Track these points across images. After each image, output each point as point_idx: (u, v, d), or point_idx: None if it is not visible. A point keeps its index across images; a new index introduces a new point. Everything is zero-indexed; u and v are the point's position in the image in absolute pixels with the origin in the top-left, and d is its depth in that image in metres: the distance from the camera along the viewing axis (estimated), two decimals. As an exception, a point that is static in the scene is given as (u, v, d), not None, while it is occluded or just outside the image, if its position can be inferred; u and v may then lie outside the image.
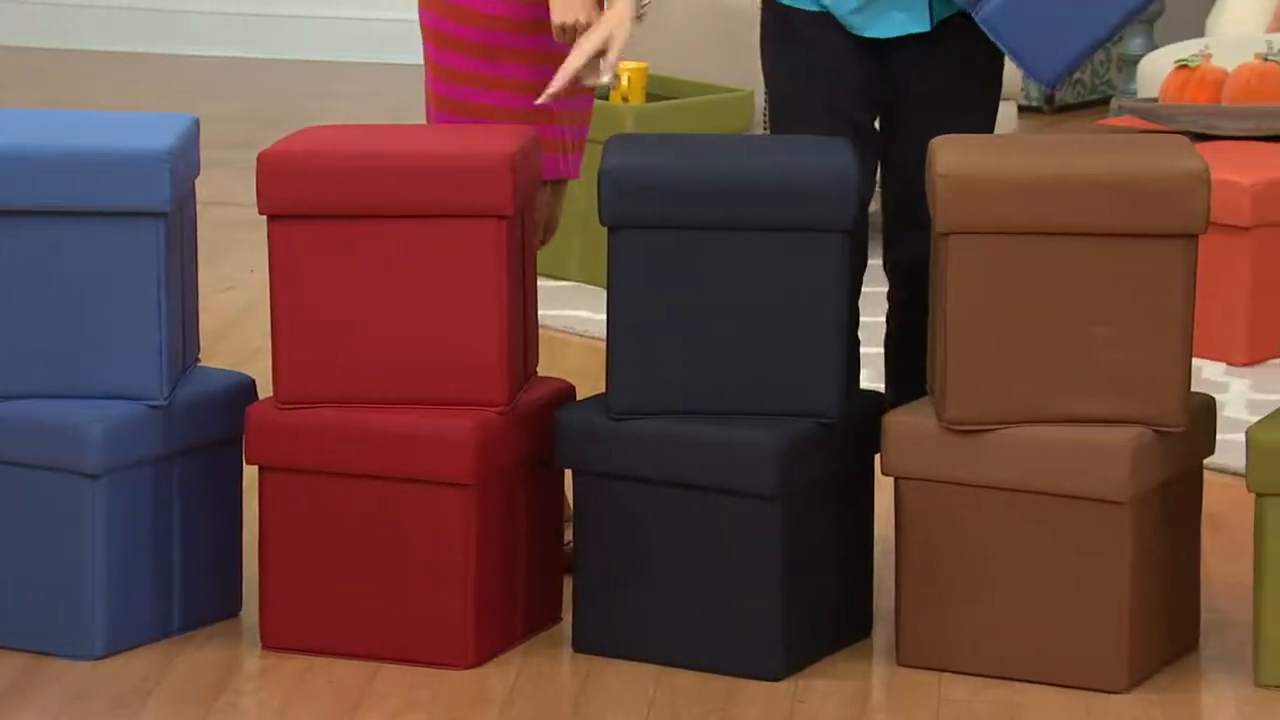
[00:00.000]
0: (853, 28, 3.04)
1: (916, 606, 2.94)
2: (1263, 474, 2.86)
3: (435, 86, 3.17)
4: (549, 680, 2.95)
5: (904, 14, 3.02)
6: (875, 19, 3.03)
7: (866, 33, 3.04)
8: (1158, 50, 5.08)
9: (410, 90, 6.53)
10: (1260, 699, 2.84)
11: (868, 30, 3.03)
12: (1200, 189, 2.83)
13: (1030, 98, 6.06)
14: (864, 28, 3.03)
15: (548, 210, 3.24)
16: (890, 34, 3.03)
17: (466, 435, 2.94)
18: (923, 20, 3.03)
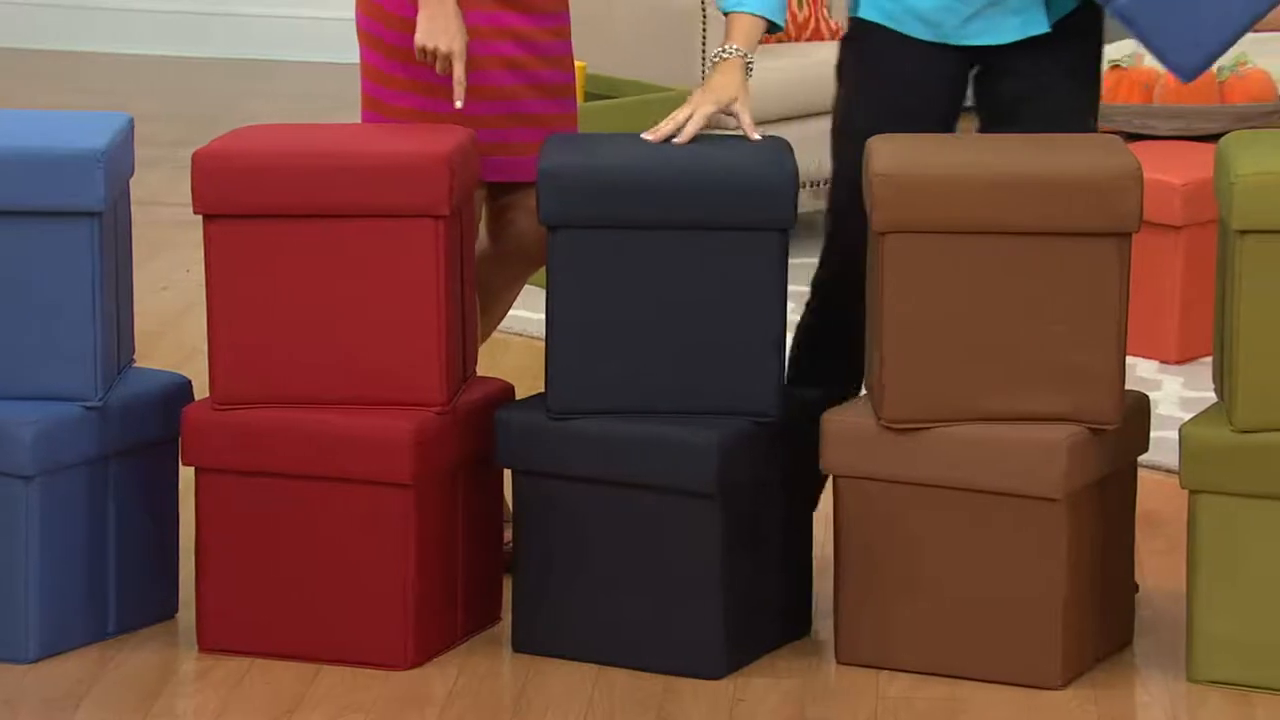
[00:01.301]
0: (964, 39, 2.98)
1: (855, 604, 2.94)
2: (1195, 471, 2.87)
3: (362, 85, 3.16)
4: (489, 680, 2.93)
5: (1019, 18, 2.97)
6: (990, 26, 2.97)
7: (982, 40, 2.99)
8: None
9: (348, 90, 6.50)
10: (1193, 694, 2.86)
11: (984, 38, 2.99)
12: (1133, 188, 2.85)
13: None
14: (977, 36, 2.98)
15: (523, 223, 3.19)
16: (1008, 39, 2.99)
17: (405, 436, 2.93)
18: (1041, 22, 2.98)
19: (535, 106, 3.13)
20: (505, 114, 3.12)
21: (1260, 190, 2.82)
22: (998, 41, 3.00)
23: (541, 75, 3.13)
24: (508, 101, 3.12)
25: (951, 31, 3.00)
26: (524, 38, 3.11)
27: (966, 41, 3.00)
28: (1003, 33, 2.99)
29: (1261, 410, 2.85)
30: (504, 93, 3.11)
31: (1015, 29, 2.99)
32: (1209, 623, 2.87)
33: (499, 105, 3.12)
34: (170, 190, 5.27)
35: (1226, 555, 2.86)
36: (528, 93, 3.12)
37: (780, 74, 4.83)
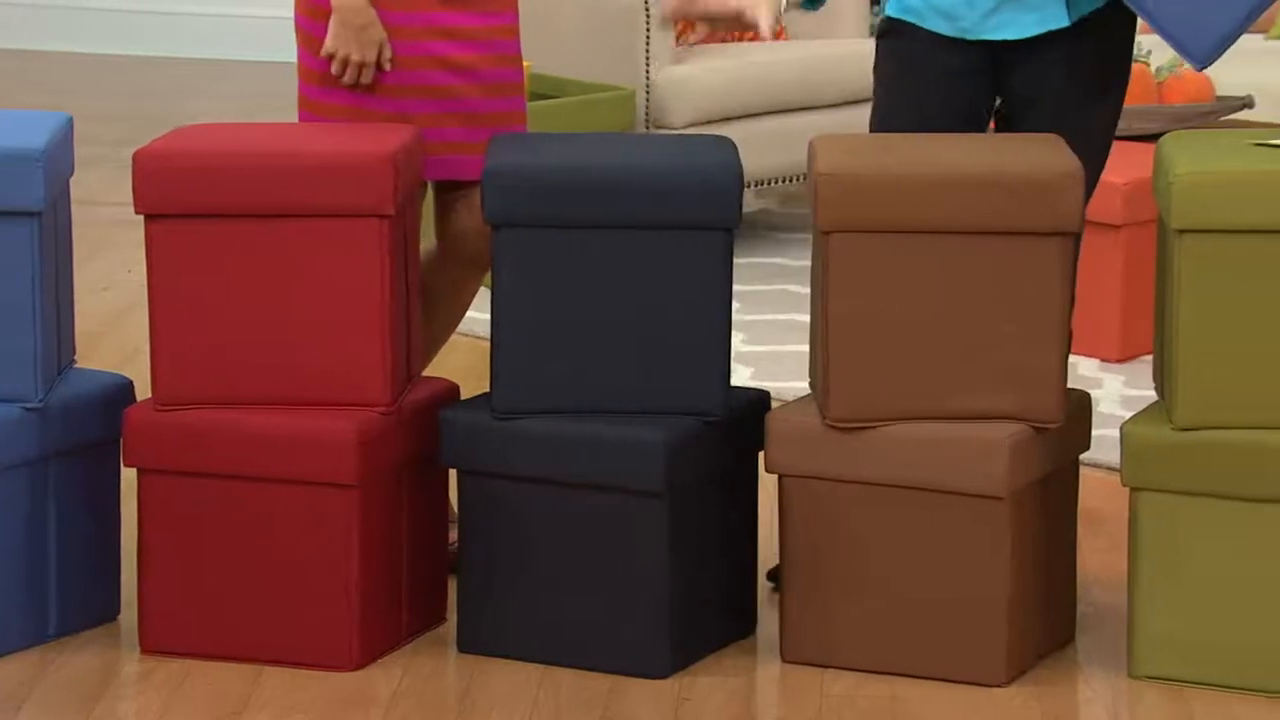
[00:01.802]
0: (984, 33, 2.98)
1: (799, 602, 2.95)
2: (1136, 469, 2.89)
3: (299, 85, 3.15)
4: (433, 681, 2.92)
5: (1037, 13, 2.96)
6: (1010, 19, 2.96)
7: (1001, 35, 2.98)
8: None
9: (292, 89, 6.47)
10: (1134, 690, 2.88)
11: (1002, 33, 2.98)
12: (1074, 188, 2.86)
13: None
14: (997, 30, 2.98)
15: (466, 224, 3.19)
16: (1028, 34, 2.98)
17: (349, 436, 2.91)
18: (1060, 16, 2.97)
19: (479, 105, 3.12)
20: (444, 112, 3.11)
21: (1198, 190, 2.84)
22: (1017, 36, 2.99)
23: (485, 73, 3.12)
24: (447, 100, 3.11)
25: (972, 26, 2.99)
26: (466, 36, 3.10)
27: (986, 36, 2.99)
28: (1022, 27, 2.98)
29: (1201, 408, 2.87)
30: (442, 91, 3.10)
31: (1034, 24, 2.98)
32: (1149, 619, 2.89)
33: (438, 104, 3.10)
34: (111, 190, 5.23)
35: (1167, 552, 2.88)
36: (470, 91, 3.11)
37: (723, 74, 4.83)
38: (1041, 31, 2.99)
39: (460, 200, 3.17)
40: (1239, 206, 2.83)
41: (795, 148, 4.88)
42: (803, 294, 4.56)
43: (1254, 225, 2.84)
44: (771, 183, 4.90)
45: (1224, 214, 2.84)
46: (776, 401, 3.83)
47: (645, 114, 4.77)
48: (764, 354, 4.21)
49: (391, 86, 3.09)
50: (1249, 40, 5.00)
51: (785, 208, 5.22)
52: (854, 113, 4.96)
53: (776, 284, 4.63)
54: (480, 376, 3.88)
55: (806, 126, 4.90)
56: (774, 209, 5.21)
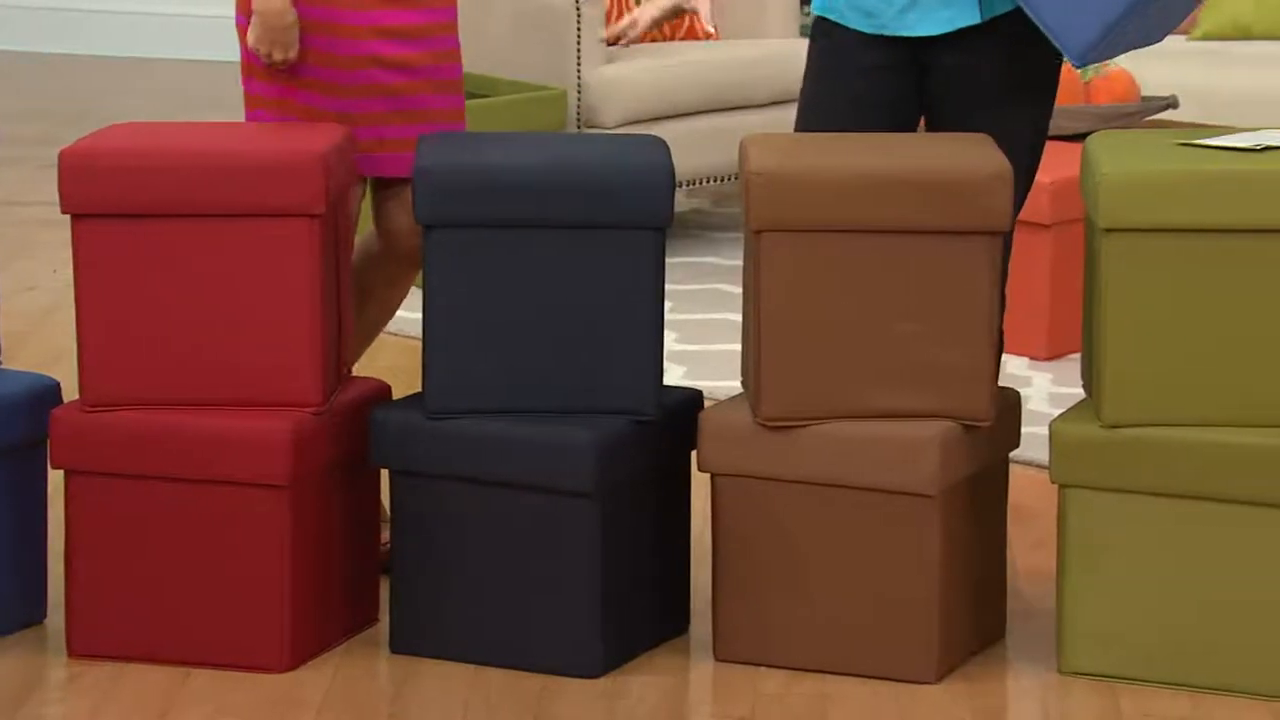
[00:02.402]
0: (900, 28, 3.00)
1: (732, 601, 2.95)
2: (1065, 466, 2.91)
3: (243, 82, 3.13)
4: (365, 682, 2.91)
5: (950, 10, 2.98)
6: (924, 17, 2.98)
7: (915, 31, 3.01)
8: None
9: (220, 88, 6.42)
10: (1063, 686, 2.90)
11: (918, 29, 3.00)
12: (1003, 187, 2.88)
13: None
14: (912, 26, 3.00)
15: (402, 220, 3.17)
16: (940, 30, 3.00)
17: (280, 436, 2.90)
18: (972, 13, 2.99)
19: (423, 102, 3.11)
20: (389, 110, 3.10)
21: (1125, 189, 2.86)
22: (931, 32, 3.02)
23: (429, 69, 3.11)
24: (386, 98, 3.10)
25: (888, 22, 3.01)
26: (404, 34, 3.09)
27: (902, 32, 3.02)
28: (935, 23, 3.01)
29: (1128, 406, 2.89)
30: (386, 89, 3.09)
31: (946, 20, 3.01)
32: (1078, 616, 2.91)
33: (383, 102, 3.09)
34: (32, 189, 5.18)
35: (1095, 549, 2.90)
36: (415, 88, 3.10)
37: (654, 74, 4.83)
38: (954, 28, 3.01)
39: (395, 198, 3.16)
40: (1165, 206, 2.85)
41: (727, 147, 4.89)
42: (735, 293, 4.57)
43: (1180, 224, 2.86)
44: (703, 182, 4.90)
45: (1150, 213, 2.86)
46: (709, 400, 3.84)
47: (577, 113, 4.76)
48: (696, 353, 4.21)
49: (337, 86, 3.07)
50: (1172, 41, 5.05)
51: (717, 207, 5.23)
52: (785, 112, 4.97)
53: (708, 283, 4.64)
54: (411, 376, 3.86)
55: (738, 126, 4.90)
56: (706, 208, 5.21)
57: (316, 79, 3.07)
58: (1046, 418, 3.85)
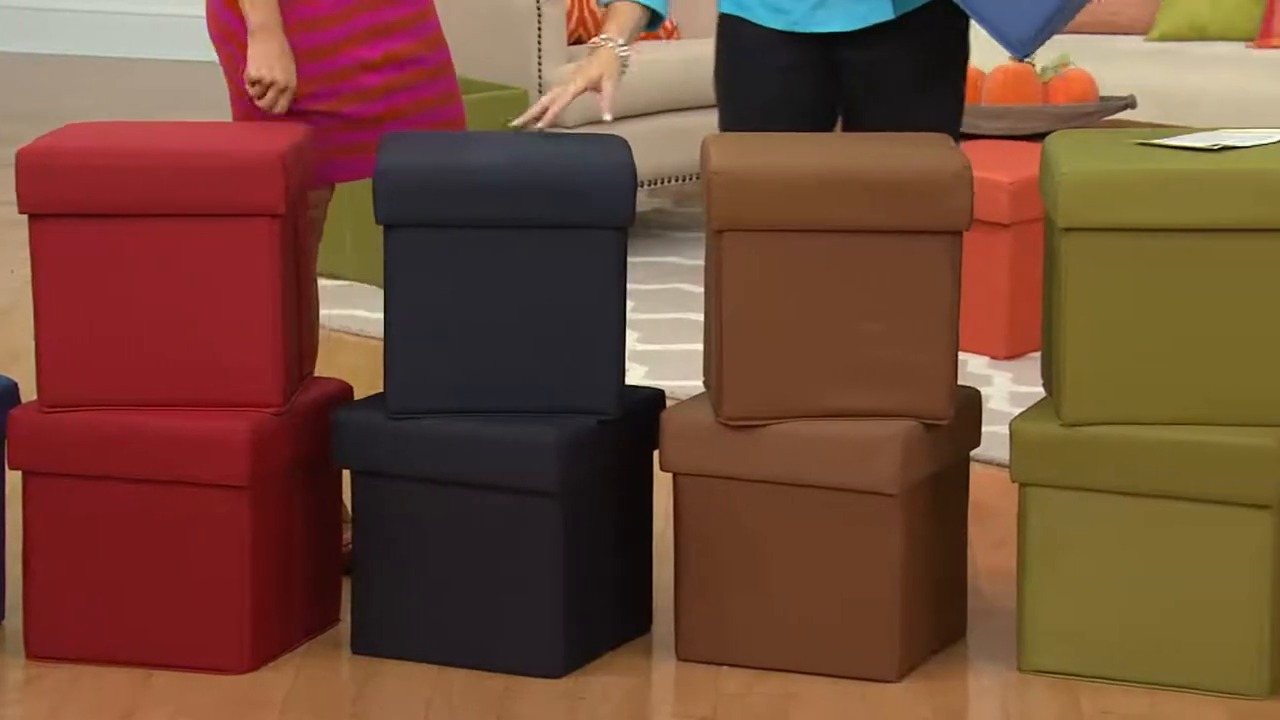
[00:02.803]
0: (812, 26, 3.00)
1: (693, 600, 2.95)
2: (1025, 465, 2.92)
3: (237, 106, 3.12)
4: (326, 683, 2.90)
5: (865, 5, 2.99)
6: (836, 13, 2.99)
7: (828, 27, 3.01)
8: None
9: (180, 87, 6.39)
10: (1023, 684, 2.90)
11: (830, 25, 3.01)
12: (963, 187, 2.88)
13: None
14: (825, 23, 3.00)
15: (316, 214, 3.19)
16: (853, 26, 3.00)
17: (240, 437, 2.88)
18: (885, 9, 3.00)
19: (415, 93, 3.09)
20: (383, 111, 3.08)
21: (1084, 189, 2.87)
22: (844, 28, 3.02)
23: (426, 58, 3.08)
24: (383, 99, 3.08)
25: (801, 18, 3.01)
26: (400, 27, 3.08)
27: (815, 28, 3.02)
28: (848, 19, 3.01)
29: (1088, 404, 2.90)
30: (375, 92, 3.07)
31: (859, 16, 3.01)
32: (1038, 614, 2.91)
33: (375, 105, 3.07)
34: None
35: (1055, 547, 2.91)
36: (403, 80, 3.07)
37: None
38: (867, 24, 3.01)
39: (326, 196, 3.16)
40: (1124, 205, 2.86)
41: (688, 147, 4.88)
42: (696, 293, 4.57)
43: (1139, 224, 2.87)
44: (665, 181, 4.90)
45: (1109, 212, 2.87)
46: (671, 400, 3.83)
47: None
48: (658, 352, 4.20)
49: (331, 104, 3.06)
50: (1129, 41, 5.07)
51: (679, 206, 5.22)
52: (745, 112, 4.96)
53: (670, 283, 4.63)
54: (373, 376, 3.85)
55: (699, 125, 4.90)
56: (668, 208, 5.21)
57: (311, 104, 3.06)
58: (1007, 416, 3.86)
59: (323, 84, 3.07)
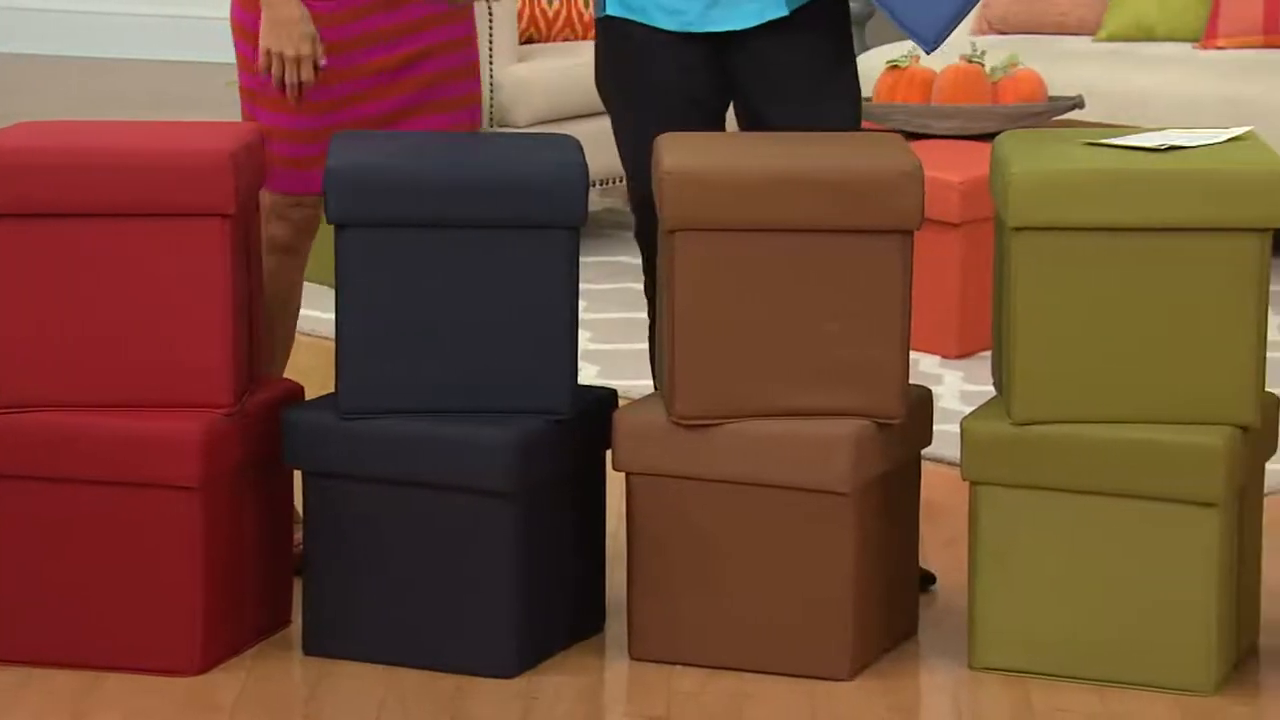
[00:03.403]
0: (706, 25, 3.00)
1: (647, 600, 2.94)
2: (976, 463, 2.92)
3: (249, 109, 3.07)
4: (278, 684, 2.88)
5: (757, 3, 2.98)
6: (730, 12, 2.98)
7: (722, 26, 3.00)
8: (870, 51, 5.19)
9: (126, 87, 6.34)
10: (975, 681, 2.91)
11: (724, 24, 3.00)
12: (913, 186, 2.88)
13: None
14: (719, 22, 3.00)
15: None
16: (747, 24, 3.00)
17: (192, 438, 2.86)
18: (779, 6, 3.00)
19: (432, 93, 3.05)
20: (391, 111, 3.06)
21: (1034, 188, 2.87)
22: (738, 27, 3.01)
23: (433, 61, 3.05)
24: (394, 99, 3.05)
25: (695, 19, 3.00)
26: (400, 33, 3.05)
27: (709, 28, 3.01)
28: (742, 18, 3.01)
29: (1038, 403, 2.90)
30: (388, 91, 3.04)
31: (754, 14, 3.00)
32: (988, 612, 2.92)
33: (384, 104, 3.04)
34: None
35: (1005, 545, 2.91)
36: (418, 83, 3.04)
37: (566, 73, 4.81)
38: (762, 21, 3.01)
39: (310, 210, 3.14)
40: (1073, 204, 2.87)
41: (639, 146, 4.87)
42: (648, 292, 4.56)
43: (1088, 223, 2.87)
44: (616, 181, 4.89)
45: (1059, 212, 2.87)
46: (623, 399, 3.83)
47: (489, 113, 4.74)
48: (610, 352, 4.19)
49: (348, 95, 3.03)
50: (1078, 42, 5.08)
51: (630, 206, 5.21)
52: (697, 112, 4.95)
53: (622, 282, 4.63)
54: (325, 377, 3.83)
55: (650, 125, 4.88)
56: (619, 207, 5.20)
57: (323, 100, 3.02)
58: (958, 415, 3.87)
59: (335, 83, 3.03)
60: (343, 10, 3.04)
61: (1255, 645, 3.02)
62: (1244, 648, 2.98)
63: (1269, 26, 4.91)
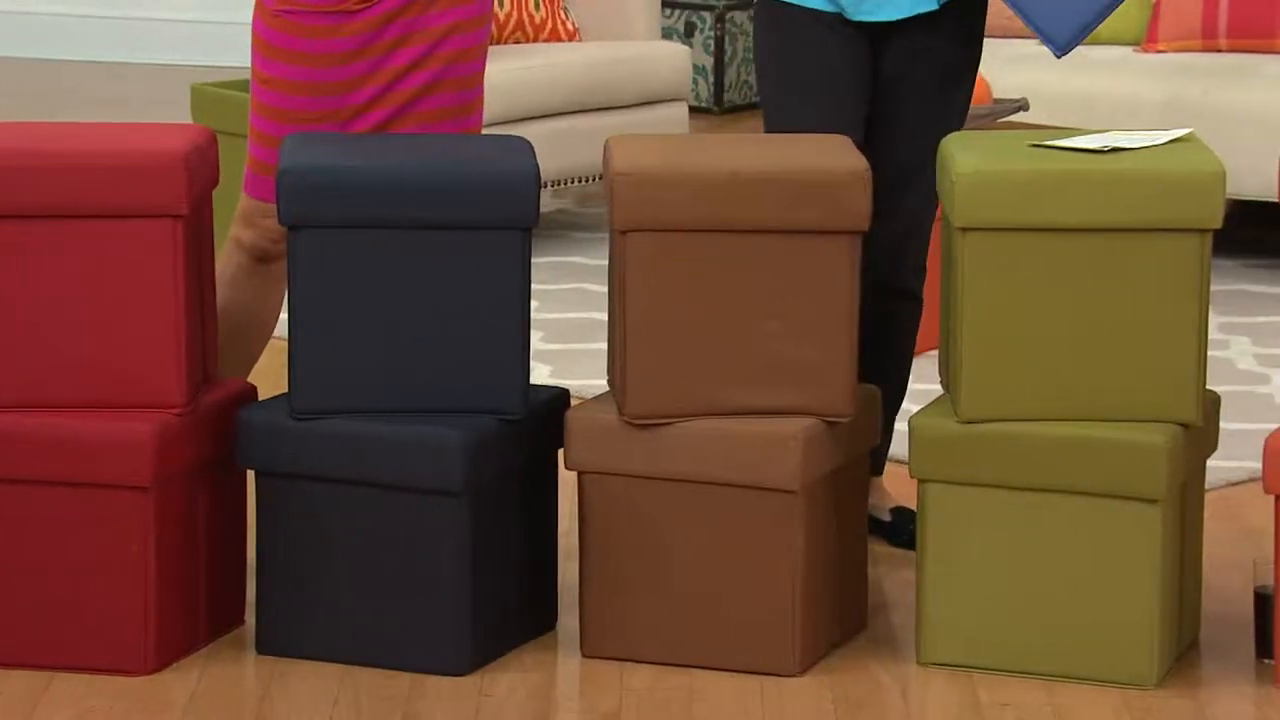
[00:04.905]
0: (860, 14, 3.05)
1: (599, 597, 2.92)
2: (923, 460, 2.91)
3: (272, 98, 3.02)
4: (231, 683, 2.85)
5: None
6: (883, 3, 3.04)
7: (876, 17, 3.06)
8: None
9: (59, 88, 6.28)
10: (923, 676, 2.90)
11: (877, 14, 3.06)
12: (861, 187, 2.87)
13: (699, 98, 6.12)
14: (873, 12, 3.05)
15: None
16: (900, 16, 3.06)
17: (142, 438, 2.82)
18: (930, 0, 3.06)
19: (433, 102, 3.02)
20: (386, 118, 3.01)
21: (980, 189, 2.87)
22: (891, 17, 3.07)
23: (434, 71, 3.02)
24: (405, 104, 3.01)
25: (850, 6, 3.07)
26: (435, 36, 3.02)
27: (862, 17, 3.08)
28: (895, 9, 3.06)
29: (985, 401, 2.90)
30: (405, 96, 3.00)
31: (907, 6, 3.07)
32: (936, 607, 2.91)
33: (394, 109, 3.00)
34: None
35: (953, 542, 2.91)
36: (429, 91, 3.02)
37: (518, 75, 4.79)
38: (914, 13, 3.08)
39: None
40: (1019, 205, 2.86)
41: (591, 148, 4.86)
42: (600, 292, 4.54)
43: (1033, 223, 2.87)
44: (568, 182, 4.87)
45: (1005, 212, 2.87)
46: (575, 399, 3.81)
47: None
48: (563, 352, 4.18)
49: (296, 84, 2.98)
50: (1023, 45, 5.10)
51: (582, 207, 5.20)
52: (648, 113, 4.95)
53: (574, 283, 4.61)
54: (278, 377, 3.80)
55: (602, 127, 4.88)
56: (571, 208, 5.18)
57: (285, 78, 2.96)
58: (905, 413, 3.86)
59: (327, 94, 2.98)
60: (377, 15, 2.98)
61: (1197, 639, 3.03)
62: (1186, 641, 2.99)
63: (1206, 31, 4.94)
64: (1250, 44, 4.93)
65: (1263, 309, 4.47)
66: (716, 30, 6.05)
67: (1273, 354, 4.18)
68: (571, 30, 5.06)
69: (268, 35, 3.02)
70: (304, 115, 3.01)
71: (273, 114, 3.03)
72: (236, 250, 3.13)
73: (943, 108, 3.12)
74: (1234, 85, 4.75)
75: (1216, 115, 4.73)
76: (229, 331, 3.13)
